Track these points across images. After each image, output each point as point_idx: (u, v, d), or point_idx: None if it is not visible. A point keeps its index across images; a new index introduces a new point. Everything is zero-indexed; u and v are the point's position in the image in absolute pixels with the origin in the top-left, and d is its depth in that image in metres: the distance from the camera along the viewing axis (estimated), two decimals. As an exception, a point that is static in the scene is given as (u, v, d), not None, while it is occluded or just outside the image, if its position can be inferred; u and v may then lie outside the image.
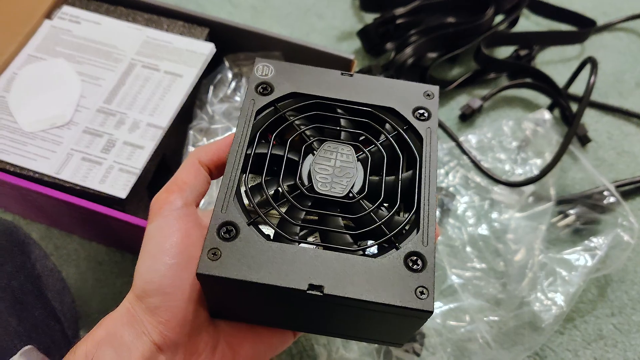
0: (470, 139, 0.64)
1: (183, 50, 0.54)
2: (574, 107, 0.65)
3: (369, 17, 0.76)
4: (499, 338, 0.51)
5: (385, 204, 0.30)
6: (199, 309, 0.29)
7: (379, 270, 0.26)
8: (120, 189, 0.46)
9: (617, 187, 0.61)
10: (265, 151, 0.29)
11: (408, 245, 0.27)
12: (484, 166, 0.60)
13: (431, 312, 0.25)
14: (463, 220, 0.59)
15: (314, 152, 0.30)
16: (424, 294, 0.25)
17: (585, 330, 0.55)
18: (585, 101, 0.61)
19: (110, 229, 0.49)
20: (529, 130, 0.65)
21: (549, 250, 0.56)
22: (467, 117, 0.68)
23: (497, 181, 0.59)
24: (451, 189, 0.61)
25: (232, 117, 0.56)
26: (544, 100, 0.70)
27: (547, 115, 0.66)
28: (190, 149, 0.54)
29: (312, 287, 0.25)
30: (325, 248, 0.27)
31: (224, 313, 0.30)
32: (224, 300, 0.29)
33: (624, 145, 0.68)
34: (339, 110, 0.32)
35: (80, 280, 0.56)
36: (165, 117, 0.50)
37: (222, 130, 0.55)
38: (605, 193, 0.59)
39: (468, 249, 0.57)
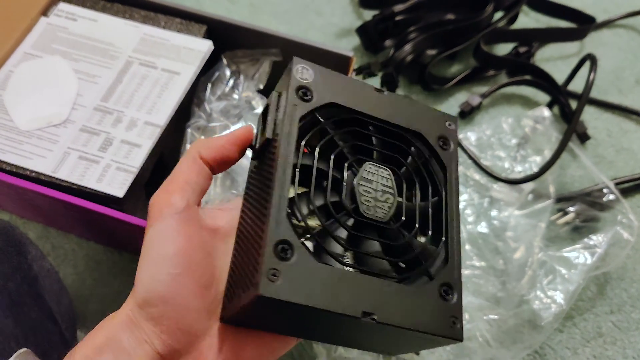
0: (470, 136, 0.64)
1: (180, 48, 0.53)
2: (574, 104, 0.64)
3: (368, 14, 0.75)
4: (499, 336, 0.51)
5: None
6: (201, 315, 0.28)
7: (417, 299, 0.27)
8: (118, 187, 0.45)
9: (617, 184, 0.61)
10: (310, 163, 0.28)
11: (440, 276, 0.28)
12: (483, 164, 0.60)
13: (461, 341, 0.27)
14: (462, 218, 0.59)
15: (354, 170, 0.29)
16: (456, 323, 0.27)
17: (584, 328, 0.55)
18: (585, 98, 0.61)
19: (108, 228, 0.49)
20: (528, 127, 0.65)
21: (549, 248, 0.56)
22: (467, 114, 0.68)
23: (497, 179, 0.59)
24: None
25: (230, 114, 0.56)
26: (544, 97, 0.70)
27: (546, 112, 0.66)
28: (188, 146, 0.54)
29: (365, 314, 0.25)
30: (365, 272, 0.27)
31: (242, 323, 0.29)
32: (257, 315, 0.28)
33: (623, 143, 0.68)
34: (371, 128, 0.31)
35: (77, 280, 0.55)
36: (162, 115, 0.49)
37: (220, 128, 0.55)
38: (605, 190, 0.59)
39: (467, 247, 0.57)
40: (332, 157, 0.28)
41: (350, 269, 0.26)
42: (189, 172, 0.30)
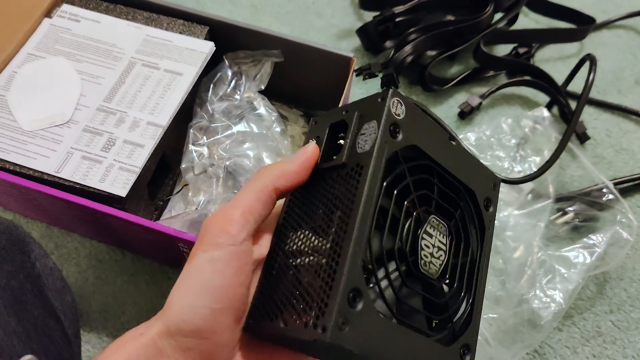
0: (469, 136, 0.64)
1: (183, 49, 0.54)
2: (573, 104, 0.65)
3: (369, 15, 0.76)
4: (498, 336, 0.51)
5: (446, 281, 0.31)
6: (230, 348, 0.28)
7: (441, 355, 0.28)
8: (120, 187, 0.46)
9: (616, 184, 0.61)
10: (387, 207, 0.27)
11: (462, 337, 0.29)
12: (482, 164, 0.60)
13: None
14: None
15: (419, 219, 0.29)
16: None
17: (584, 327, 0.55)
18: (584, 99, 0.61)
19: (111, 228, 0.49)
20: (527, 127, 0.65)
21: (548, 248, 0.56)
22: (466, 114, 0.68)
23: (496, 179, 0.59)
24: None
25: (231, 115, 0.56)
26: (543, 97, 0.71)
27: (545, 112, 0.66)
28: (191, 147, 0.54)
29: None
30: (404, 324, 0.27)
31: (273, 340, 0.29)
32: (299, 346, 0.27)
33: (623, 143, 0.68)
34: (436, 178, 0.31)
35: (80, 279, 0.56)
36: (165, 115, 0.50)
37: (222, 129, 0.55)
38: (604, 190, 0.59)
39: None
40: (405, 204, 0.28)
41: (395, 321, 0.26)
42: (256, 203, 0.28)
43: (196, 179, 0.54)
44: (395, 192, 0.27)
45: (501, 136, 0.64)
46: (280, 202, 0.31)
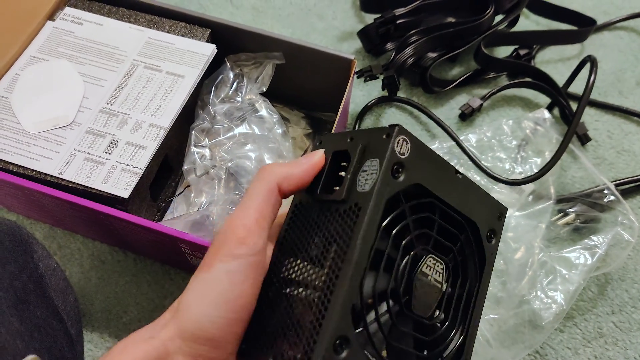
0: (470, 138, 0.64)
1: (185, 51, 0.54)
2: (574, 106, 0.65)
3: (370, 18, 0.76)
4: (499, 336, 0.52)
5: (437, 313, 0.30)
6: (237, 358, 0.28)
7: None
8: (123, 188, 0.46)
9: (617, 185, 0.61)
10: (383, 249, 0.27)
11: None
12: (483, 165, 0.60)
13: None
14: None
15: (417, 260, 0.28)
16: None
17: (585, 328, 0.55)
18: (585, 100, 0.61)
19: (113, 229, 0.49)
20: (528, 129, 0.65)
21: (549, 249, 0.56)
22: (467, 116, 0.68)
23: (497, 180, 0.59)
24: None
25: (233, 117, 0.57)
26: (544, 99, 0.71)
27: (546, 114, 0.66)
28: (193, 149, 0.54)
29: None
30: None
31: None
32: None
33: (624, 144, 0.68)
34: (436, 214, 0.30)
35: (83, 279, 0.56)
36: (167, 117, 0.50)
37: (224, 131, 0.56)
38: (605, 192, 0.59)
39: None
40: (402, 244, 0.27)
41: None
42: (266, 205, 0.28)
43: (198, 180, 0.54)
44: (393, 232, 0.27)
45: (502, 137, 0.64)
46: (282, 211, 0.31)
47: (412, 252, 0.28)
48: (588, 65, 0.63)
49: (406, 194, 0.28)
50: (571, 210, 0.59)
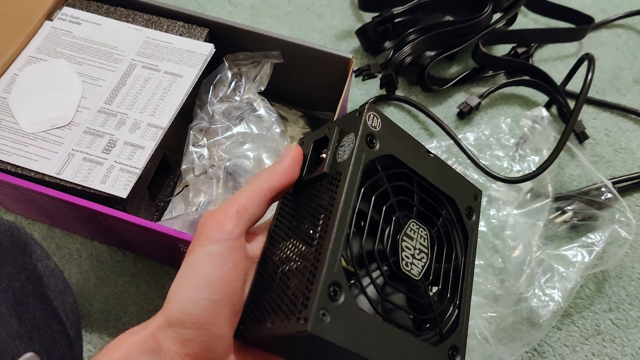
0: (468, 136, 0.64)
1: (183, 51, 0.54)
2: (572, 104, 0.65)
3: (368, 16, 0.76)
4: (497, 334, 0.52)
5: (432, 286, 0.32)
6: (228, 343, 0.28)
7: (428, 355, 0.28)
8: (121, 188, 0.46)
9: (615, 183, 0.61)
10: (366, 210, 0.29)
11: (450, 338, 0.30)
12: (482, 163, 0.60)
13: None
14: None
15: (399, 223, 0.30)
16: None
17: (583, 325, 0.56)
18: (583, 98, 0.61)
19: (112, 229, 0.49)
20: (526, 127, 0.65)
21: (547, 247, 0.57)
22: (465, 114, 0.68)
23: (495, 178, 0.59)
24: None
25: (231, 116, 0.57)
26: (542, 97, 0.71)
27: (544, 112, 0.66)
28: (191, 148, 0.54)
29: None
30: (390, 322, 0.28)
31: (261, 345, 0.30)
32: (286, 345, 0.28)
33: (622, 142, 0.68)
34: (415, 186, 0.32)
35: (82, 279, 0.56)
36: (165, 117, 0.50)
37: (222, 130, 0.56)
38: (603, 189, 0.59)
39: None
40: (384, 207, 0.29)
41: (380, 318, 0.27)
42: (251, 202, 0.29)
43: (196, 180, 0.55)
44: (373, 197, 0.29)
45: (500, 136, 0.65)
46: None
47: (394, 217, 0.30)
48: (586, 63, 0.63)
49: (383, 168, 0.30)
50: (569, 208, 0.59)
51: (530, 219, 0.58)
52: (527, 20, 0.81)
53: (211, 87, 0.57)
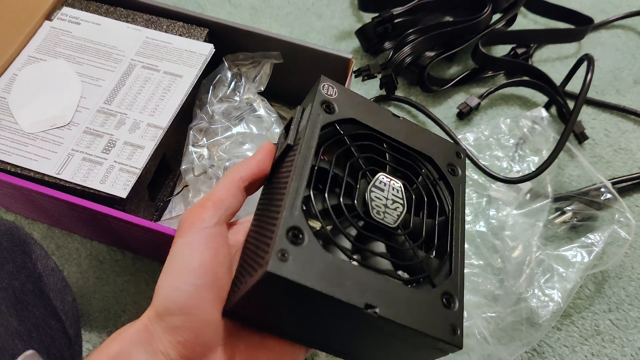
0: (468, 136, 0.64)
1: (182, 51, 0.54)
2: (571, 104, 0.65)
3: (367, 17, 0.76)
4: (497, 334, 0.52)
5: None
6: (217, 328, 0.29)
7: (419, 301, 0.28)
8: (121, 188, 0.46)
9: (614, 183, 0.61)
10: (327, 167, 0.30)
11: (443, 285, 0.29)
12: (481, 163, 0.60)
13: (460, 348, 0.28)
14: (461, 217, 0.59)
15: (367, 179, 0.31)
16: (456, 330, 0.28)
17: (582, 326, 0.56)
18: (582, 98, 0.61)
19: (111, 229, 0.49)
20: (526, 127, 0.65)
21: (546, 247, 0.57)
22: (465, 115, 0.68)
23: (495, 178, 0.59)
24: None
25: (231, 116, 0.57)
26: (541, 98, 0.71)
27: (544, 112, 0.66)
28: (191, 148, 0.54)
29: (368, 306, 0.26)
30: (373, 270, 0.28)
31: (243, 316, 0.30)
32: (258, 303, 0.28)
33: (621, 143, 0.68)
34: (385, 145, 0.33)
35: (81, 279, 0.56)
36: (165, 117, 0.50)
37: (222, 130, 0.56)
38: (602, 190, 0.59)
39: (466, 245, 0.57)
40: (347, 164, 0.30)
41: (356, 264, 0.27)
42: (226, 193, 0.31)
43: (196, 180, 0.55)
44: (335, 155, 0.30)
45: (500, 136, 0.65)
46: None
47: (360, 172, 0.30)
48: (585, 64, 0.63)
49: (348, 132, 0.31)
50: (568, 208, 0.59)
51: (529, 219, 0.58)
52: (526, 20, 0.81)
53: (211, 87, 0.57)
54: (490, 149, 0.64)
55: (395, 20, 0.69)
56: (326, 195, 0.29)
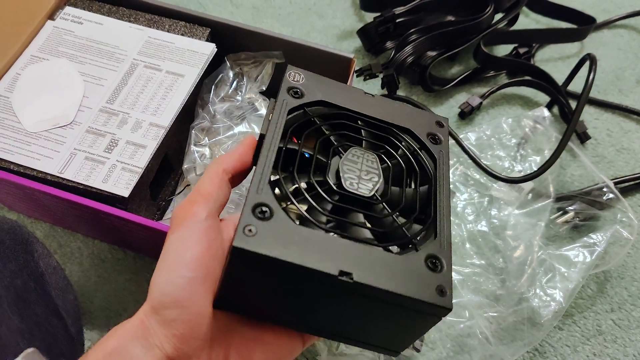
0: (470, 136, 0.64)
1: (185, 50, 0.54)
2: (574, 104, 0.65)
3: (369, 16, 0.76)
4: (498, 334, 0.52)
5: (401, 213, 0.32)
6: (212, 322, 0.29)
7: (401, 266, 0.27)
8: (123, 187, 0.46)
9: (616, 183, 0.61)
10: (296, 148, 0.31)
11: (427, 248, 0.28)
12: (483, 163, 0.60)
13: (450, 309, 0.27)
14: (462, 217, 0.59)
15: (341, 155, 0.31)
16: (444, 292, 0.27)
17: (584, 326, 0.55)
18: (584, 98, 0.61)
19: (113, 227, 0.49)
20: (528, 127, 0.65)
21: (548, 247, 0.56)
22: (467, 114, 0.68)
23: (497, 178, 0.59)
24: (451, 186, 0.61)
25: (233, 116, 0.57)
26: (543, 97, 0.71)
27: (546, 112, 0.66)
28: (192, 147, 0.55)
29: (342, 273, 0.25)
30: (351, 239, 0.28)
31: (228, 302, 0.30)
32: (237, 284, 0.29)
33: (624, 142, 0.68)
34: (360, 123, 0.33)
35: (83, 277, 0.56)
36: (167, 116, 0.50)
37: (224, 130, 0.56)
38: (605, 190, 0.59)
39: (467, 245, 0.57)
40: (317, 141, 0.31)
41: (336, 236, 0.27)
42: (211, 185, 0.31)
43: (198, 179, 0.55)
44: (303, 135, 0.31)
45: (501, 136, 0.65)
46: None
47: (332, 148, 0.31)
48: (587, 64, 0.63)
49: (321, 116, 0.32)
50: (570, 208, 0.59)
51: (531, 219, 0.58)
52: (528, 20, 0.81)
53: (213, 87, 0.57)
54: (492, 149, 0.64)
55: (397, 20, 0.69)
56: (295, 173, 0.29)
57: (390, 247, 0.29)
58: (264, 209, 0.27)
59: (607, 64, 0.75)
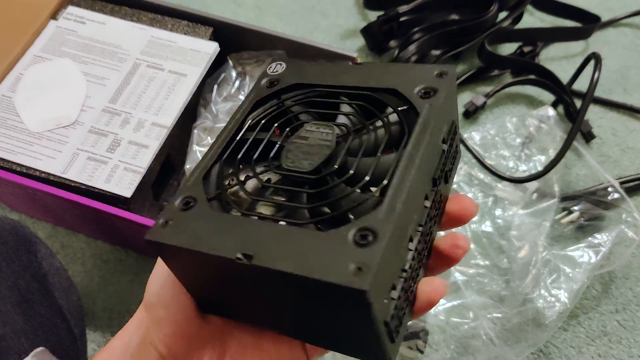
0: (474, 135, 0.64)
1: (187, 50, 0.54)
2: (578, 103, 0.64)
3: (373, 15, 0.76)
4: (503, 335, 0.51)
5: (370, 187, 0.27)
6: (202, 324, 0.29)
7: (324, 245, 0.22)
8: (125, 188, 0.46)
9: (622, 183, 0.60)
10: (248, 137, 0.30)
11: (362, 221, 0.23)
12: (487, 162, 0.60)
13: (364, 291, 0.20)
14: (466, 217, 0.59)
15: (287, 135, 0.29)
16: (362, 270, 0.21)
17: (589, 326, 0.55)
18: (589, 97, 0.61)
19: (115, 228, 0.49)
20: (532, 126, 0.65)
21: (553, 247, 0.56)
22: (471, 114, 0.68)
23: (501, 177, 0.59)
24: (455, 185, 0.61)
25: (235, 115, 0.57)
26: (548, 96, 0.70)
27: (551, 111, 0.66)
28: (195, 147, 0.54)
29: (244, 256, 0.23)
30: (276, 221, 0.25)
31: (204, 301, 0.30)
32: (184, 279, 0.28)
33: (629, 142, 0.67)
34: (343, 98, 0.30)
35: (86, 278, 0.56)
36: (169, 116, 0.50)
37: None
38: (610, 189, 0.59)
39: (471, 245, 0.57)
40: (274, 126, 0.30)
41: (256, 218, 0.25)
42: None
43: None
44: (262, 122, 0.30)
45: (506, 135, 0.64)
46: None
47: (287, 129, 0.30)
48: (592, 63, 0.63)
49: (287, 98, 0.31)
50: (575, 208, 0.59)
51: (536, 219, 0.58)
52: (533, 19, 0.80)
53: (215, 86, 0.57)
54: (496, 148, 0.63)
55: (401, 19, 0.69)
56: (237, 162, 0.28)
57: (322, 225, 0.25)
58: (189, 200, 0.26)
59: (612, 62, 0.75)
